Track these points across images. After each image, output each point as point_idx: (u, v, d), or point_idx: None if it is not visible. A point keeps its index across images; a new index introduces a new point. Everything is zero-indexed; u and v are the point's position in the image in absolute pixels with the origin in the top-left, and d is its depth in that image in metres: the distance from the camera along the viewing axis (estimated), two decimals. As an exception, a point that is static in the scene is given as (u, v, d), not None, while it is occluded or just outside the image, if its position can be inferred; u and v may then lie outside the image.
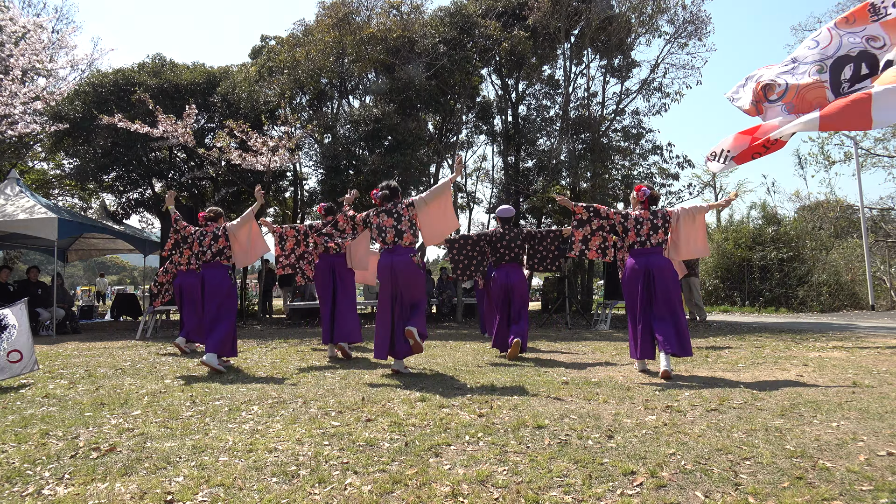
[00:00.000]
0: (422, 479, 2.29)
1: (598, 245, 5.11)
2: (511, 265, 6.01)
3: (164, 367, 5.56)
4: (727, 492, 2.14)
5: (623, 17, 12.07)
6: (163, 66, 13.56)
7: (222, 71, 13.67)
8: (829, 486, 2.17)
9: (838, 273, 16.22)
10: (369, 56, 11.76)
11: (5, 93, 10.17)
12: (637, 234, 4.82)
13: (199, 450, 2.71)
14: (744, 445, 2.67)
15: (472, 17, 11.84)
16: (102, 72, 13.34)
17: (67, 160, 14.94)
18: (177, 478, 2.35)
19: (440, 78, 11.84)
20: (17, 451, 2.75)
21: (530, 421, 3.16)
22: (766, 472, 2.33)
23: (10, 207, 9.48)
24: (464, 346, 7.07)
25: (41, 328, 9.88)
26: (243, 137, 10.39)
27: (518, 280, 6.01)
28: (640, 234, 4.79)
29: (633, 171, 13.54)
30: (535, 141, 13.54)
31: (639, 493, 2.15)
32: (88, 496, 2.18)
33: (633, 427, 3.04)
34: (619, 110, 13.49)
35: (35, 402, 3.87)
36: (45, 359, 6.24)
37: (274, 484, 2.28)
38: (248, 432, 3.04)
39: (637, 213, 4.90)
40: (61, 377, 4.97)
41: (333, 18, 11.74)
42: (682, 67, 13.31)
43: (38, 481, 2.34)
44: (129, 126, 9.43)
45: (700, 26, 12.30)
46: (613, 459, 2.51)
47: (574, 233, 5.13)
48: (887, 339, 7.47)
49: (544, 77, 14.11)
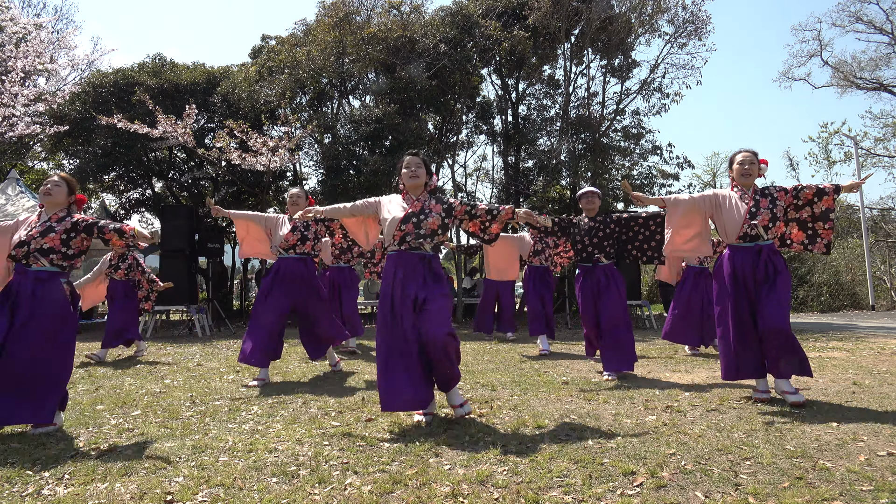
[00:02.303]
0: (422, 479, 2.29)
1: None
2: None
3: (163, 367, 5.56)
4: (727, 492, 2.14)
5: (623, 17, 12.06)
6: (163, 66, 13.55)
7: (222, 71, 13.66)
8: (830, 486, 2.17)
9: (838, 273, 16.22)
10: (370, 56, 11.75)
11: (6, 94, 10.17)
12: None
13: (199, 450, 2.71)
14: (744, 445, 2.67)
15: (473, 17, 11.84)
16: (102, 72, 13.33)
17: (67, 160, 14.93)
18: (177, 478, 2.35)
19: (440, 78, 11.83)
20: (17, 451, 2.75)
21: (530, 421, 3.16)
22: (766, 472, 2.33)
23: (11, 207, 9.49)
24: (464, 347, 7.06)
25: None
26: (243, 137, 10.38)
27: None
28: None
29: (633, 171, 13.54)
30: (535, 141, 13.53)
31: (639, 493, 2.14)
32: (88, 496, 2.17)
33: (633, 427, 3.04)
34: (619, 110, 13.48)
35: (35, 402, 3.86)
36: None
37: (274, 484, 2.28)
38: (247, 432, 3.04)
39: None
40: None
41: (334, 18, 11.74)
42: (681, 67, 13.32)
43: (38, 481, 2.34)
44: (128, 126, 9.42)
45: (700, 26, 12.29)
46: (613, 459, 2.51)
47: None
48: (888, 339, 7.47)
49: (544, 77, 14.10)
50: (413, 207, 3.32)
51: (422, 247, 3.29)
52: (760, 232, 3.56)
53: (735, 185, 3.74)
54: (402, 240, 3.27)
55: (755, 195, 3.62)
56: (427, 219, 3.29)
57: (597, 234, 4.72)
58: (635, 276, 10.86)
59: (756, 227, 3.56)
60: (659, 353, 6.30)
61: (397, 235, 3.27)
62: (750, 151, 3.72)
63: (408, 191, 3.42)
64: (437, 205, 3.38)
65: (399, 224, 3.26)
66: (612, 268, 4.74)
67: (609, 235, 4.71)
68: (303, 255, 4.80)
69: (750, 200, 3.61)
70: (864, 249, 15.80)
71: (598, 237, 4.71)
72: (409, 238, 3.26)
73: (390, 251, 3.36)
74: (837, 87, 21.32)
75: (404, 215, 3.28)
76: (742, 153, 3.71)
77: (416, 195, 3.40)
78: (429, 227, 3.28)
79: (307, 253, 4.83)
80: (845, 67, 20.84)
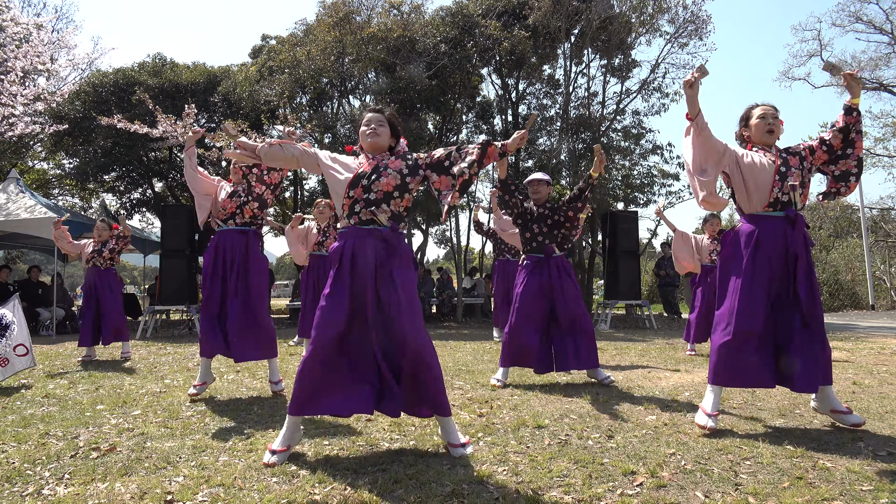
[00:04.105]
0: (422, 478, 2.29)
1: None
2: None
3: (163, 367, 5.56)
4: (727, 492, 2.14)
5: (623, 17, 12.06)
6: (163, 66, 13.57)
7: (223, 70, 13.68)
8: (830, 486, 2.17)
9: (838, 273, 16.23)
10: (370, 56, 11.75)
11: (6, 94, 10.18)
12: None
13: (199, 449, 2.71)
14: (744, 445, 2.67)
15: (473, 17, 11.84)
16: (103, 71, 13.34)
17: (67, 160, 14.95)
18: (177, 478, 2.35)
19: (441, 77, 11.83)
20: (18, 450, 2.75)
21: (530, 421, 3.16)
22: (766, 472, 2.33)
23: (11, 206, 9.48)
24: (464, 347, 7.07)
25: (41, 328, 9.88)
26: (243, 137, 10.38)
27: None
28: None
29: (633, 170, 13.54)
30: (535, 140, 13.54)
31: (639, 493, 2.14)
32: (88, 496, 2.18)
33: (633, 427, 3.04)
34: (619, 110, 13.49)
35: (35, 402, 3.87)
36: (45, 358, 6.23)
37: (274, 484, 2.28)
38: (248, 433, 3.04)
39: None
40: (61, 377, 4.97)
41: (334, 18, 11.74)
42: (682, 67, 13.30)
43: (38, 481, 2.34)
44: (128, 126, 9.43)
45: (701, 26, 12.28)
46: (613, 459, 2.50)
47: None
48: (888, 339, 7.47)
49: (544, 77, 14.10)
50: (364, 167, 2.62)
51: (375, 218, 2.59)
52: (794, 197, 2.91)
53: (752, 147, 3.10)
54: (350, 210, 2.60)
55: (781, 154, 3.00)
56: (379, 178, 2.58)
57: (545, 221, 4.35)
58: (636, 275, 10.85)
59: (794, 189, 2.90)
60: (659, 353, 6.30)
61: (346, 205, 2.60)
62: (769, 105, 3.09)
63: (366, 153, 2.74)
64: (398, 160, 2.68)
65: (347, 189, 2.58)
66: (563, 260, 4.41)
67: (559, 224, 4.35)
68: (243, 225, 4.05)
69: (777, 158, 2.96)
70: (863, 249, 15.81)
71: (548, 225, 4.34)
72: (357, 207, 2.59)
73: (341, 227, 2.68)
74: (837, 86, 21.32)
75: (353, 177, 2.59)
76: (761, 106, 3.07)
77: (373, 155, 2.72)
78: (381, 188, 2.57)
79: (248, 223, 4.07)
80: (845, 67, 20.83)
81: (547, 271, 4.33)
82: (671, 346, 6.95)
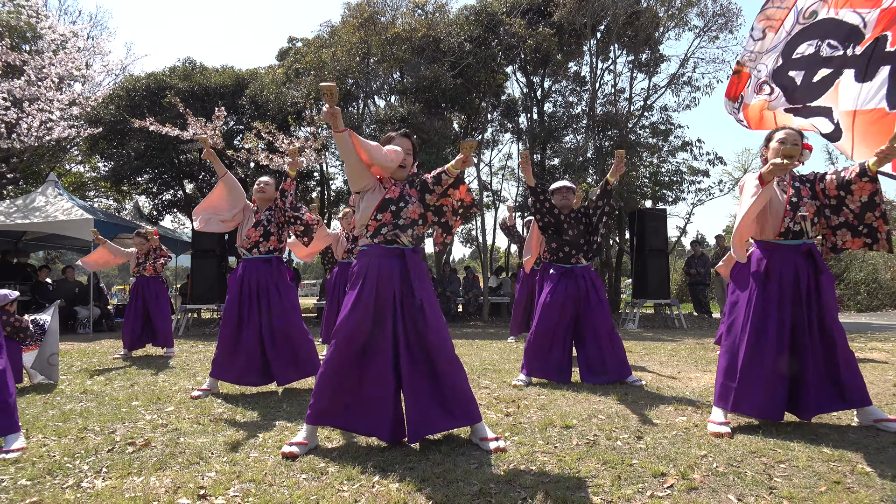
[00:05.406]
0: (449, 477, 2.29)
1: None
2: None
3: (195, 364, 5.68)
4: (761, 495, 2.09)
5: (651, 11, 11.87)
6: (193, 70, 13.85)
7: (250, 73, 13.90)
8: (870, 492, 2.10)
9: (877, 271, 15.68)
10: (395, 56, 11.80)
11: (42, 100, 10.51)
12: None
13: (230, 446, 2.77)
14: (778, 448, 2.61)
15: (497, 15, 11.79)
16: (135, 76, 13.69)
17: (102, 163, 15.38)
18: (209, 473, 2.40)
19: (465, 76, 11.82)
20: (58, 444, 2.84)
21: (558, 421, 3.14)
22: (801, 476, 2.27)
23: (50, 209, 9.81)
24: (490, 346, 7.05)
25: (79, 326, 10.19)
26: (270, 139, 10.54)
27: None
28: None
29: (661, 167, 13.31)
30: (561, 138, 13.42)
31: (669, 495, 2.11)
32: (125, 489, 2.24)
33: (662, 428, 2.99)
34: (646, 106, 13.28)
35: (74, 398, 3.99)
36: (83, 356, 6.43)
37: (303, 480, 2.31)
38: (277, 429, 3.08)
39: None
40: (98, 374, 5.12)
41: (359, 19, 11.82)
42: (712, 61, 13.06)
43: (78, 474, 2.42)
44: (160, 129, 9.66)
45: (731, 18, 12.02)
46: (643, 460, 2.47)
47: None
48: (930, 339, 7.20)
49: (570, 74, 13.97)
50: (391, 193, 2.78)
51: (398, 240, 2.77)
52: (806, 227, 2.95)
53: None
54: (376, 231, 2.76)
55: (794, 182, 3.01)
56: (407, 206, 2.78)
57: (573, 230, 4.28)
58: (664, 274, 10.69)
59: (805, 219, 2.93)
60: (689, 353, 6.19)
61: (372, 226, 2.77)
62: (794, 129, 3.09)
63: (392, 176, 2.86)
64: (413, 189, 2.85)
65: (375, 212, 2.74)
66: (590, 270, 4.39)
67: (585, 232, 4.28)
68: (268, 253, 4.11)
69: (789, 188, 2.97)
70: (904, 246, 15.23)
71: (575, 233, 4.27)
72: (384, 230, 2.75)
73: (362, 245, 2.83)
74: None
75: (382, 201, 2.75)
76: (784, 130, 3.06)
77: (395, 178, 2.86)
78: (409, 215, 2.77)
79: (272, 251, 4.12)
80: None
81: (574, 282, 4.30)
82: (701, 345, 6.82)
